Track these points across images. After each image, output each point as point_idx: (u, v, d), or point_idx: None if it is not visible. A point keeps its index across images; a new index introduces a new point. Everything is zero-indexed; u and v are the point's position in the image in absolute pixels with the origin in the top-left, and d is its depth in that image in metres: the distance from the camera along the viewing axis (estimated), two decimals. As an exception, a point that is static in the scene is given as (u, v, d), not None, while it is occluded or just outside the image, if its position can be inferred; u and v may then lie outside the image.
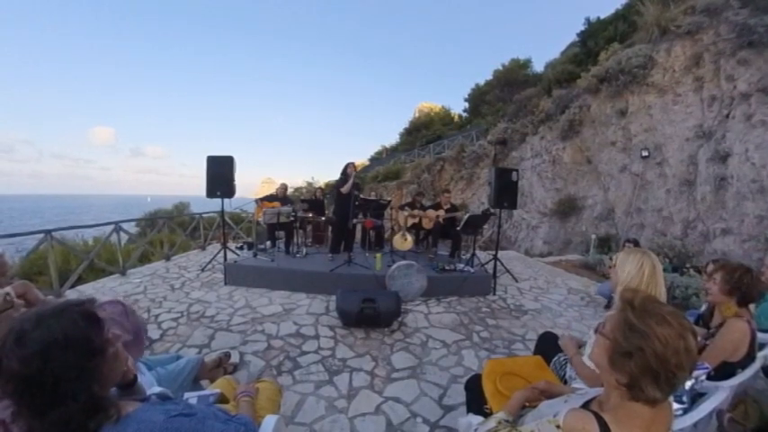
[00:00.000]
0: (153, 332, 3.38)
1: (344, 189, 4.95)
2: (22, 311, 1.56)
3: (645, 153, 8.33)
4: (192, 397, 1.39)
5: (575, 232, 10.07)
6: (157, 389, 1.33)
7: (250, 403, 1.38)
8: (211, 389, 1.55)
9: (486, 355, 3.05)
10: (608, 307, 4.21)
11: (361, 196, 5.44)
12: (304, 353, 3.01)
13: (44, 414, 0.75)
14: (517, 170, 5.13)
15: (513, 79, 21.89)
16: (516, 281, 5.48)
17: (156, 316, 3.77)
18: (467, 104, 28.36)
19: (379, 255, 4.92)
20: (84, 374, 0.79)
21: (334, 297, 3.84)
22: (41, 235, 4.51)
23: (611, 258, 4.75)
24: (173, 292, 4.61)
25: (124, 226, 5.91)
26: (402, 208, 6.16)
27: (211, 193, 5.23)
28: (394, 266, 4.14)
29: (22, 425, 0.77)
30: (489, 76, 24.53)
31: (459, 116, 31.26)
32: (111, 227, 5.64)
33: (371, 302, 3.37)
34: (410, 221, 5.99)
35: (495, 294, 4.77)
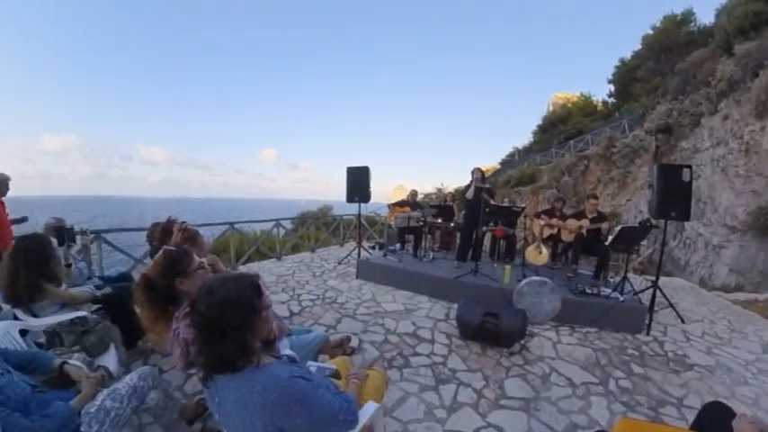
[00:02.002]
0: (294, 307, 4.05)
1: (468, 194, 4.87)
2: (210, 275, 2.09)
3: None
4: (312, 366, 1.60)
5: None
6: (289, 352, 1.58)
7: (358, 385, 1.47)
8: (329, 364, 1.72)
9: (621, 411, 2.42)
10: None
11: (492, 202, 5.13)
12: (417, 354, 3.05)
13: (211, 345, 1.03)
14: (690, 166, 3.75)
15: (670, 43, 16.65)
16: (683, 321, 4.16)
17: (299, 295, 4.46)
18: (611, 87, 23.42)
19: (508, 267, 4.52)
20: (243, 326, 1.04)
21: (455, 305, 3.74)
22: (226, 226, 6.21)
23: None
24: (314, 278, 5.37)
25: (283, 222, 7.39)
26: (538, 216, 5.49)
27: (350, 198, 5.95)
28: (524, 282, 3.77)
29: (195, 347, 1.10)
30: (637, 46, 19.42)
31: (604, 103, 25.97)
32: (273, 223, 7.16)
33: (494, 317, 3.15)
34: (547, 232, 5.33)
35: (648, 334, 3.75)
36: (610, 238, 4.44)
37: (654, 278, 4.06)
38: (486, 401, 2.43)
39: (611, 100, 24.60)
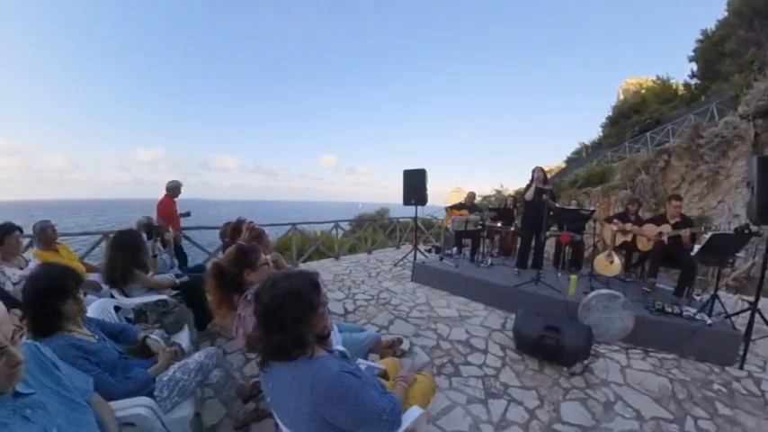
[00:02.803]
0: (349, 305, 4.22)
1: (528, 195, 4.64)
2: (274, 271, 2.29)
3: None
4: (362, 364, 1.67)
5: None
6: (341, 348, 1.68)
7: (405, 388, 1.50)
8: (379, 364, 1.76)
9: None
10: None
11: (557, 205, 4.78)
12: (468, 363, 2.98)
13: (270, 334, 1.14)
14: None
15: (764, 4, 13.47)
16: (789, 355, 3.39)
17: (354, 294, 4.64)
18: (694, 66, 19.93)
19: (574, 277, 4.11)
20: (301, 319, 1.14)
21: (513, 315, 3.62)
22: (289, 226, 6.71)
23: None
24: (369, 278, 5.53)
25: (341, 224, 7.76)
26: (609, 221, 4.85)
27: (407, 200, 6.01)
28: (592, 295, 3.42)
29: (256, 335, 1.21)
30: (722, 14, 16.27)
31: (686, 86, 22.23)
32: (332, 224, 7.53)
33: (555, 332, 2.95)
34: (620, 239, 4.69)
35: (742, 368, 3.10)
36: (696, 247, 3.79)
37: (752, 299, 3.34)
38: (538, 423, 2.28)
39: (695, 81, 21.13)
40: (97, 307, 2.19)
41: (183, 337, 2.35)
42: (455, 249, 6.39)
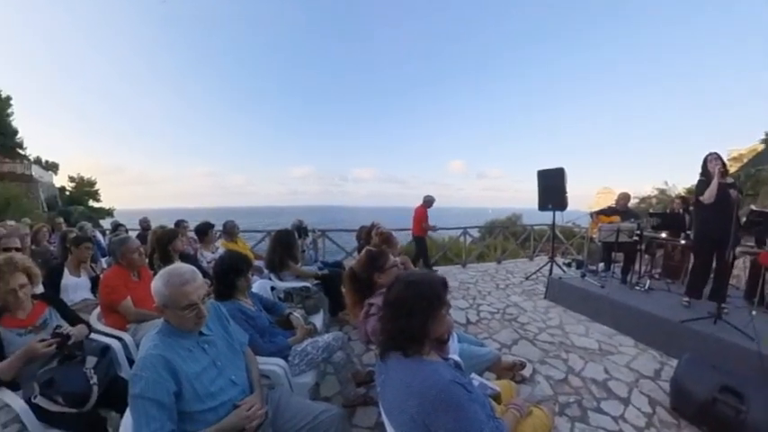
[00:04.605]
0: (471, 316, 4.04)
1: (706, 197, 3.32)
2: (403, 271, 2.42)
3: None
4: (475, 380, 1.57)
5: None
6: (456, 358, 1.62)
7: (516, 418, 1.35)
8: (494, 384, 1.63)
9: None
10: None
11: (753, 208, 3.47)
12: (600, 411, 2.37)
13: (397, 319, 1.19)
14: None
15: None
16: None
17: (479, 305, 4.42)
18: None
19: None
20: (429, 309, 1.18)
21: (674, 361, 2.80)
22: None
23: None
24: (496, 290, 5.20)
25: (469, 231, 7.54)
26: None
27: (543, 205, 5.33)
28: None
29: (380, 324, 1.30)
30: None
31: None
32: (461, 230, 7.41)
33: (736, 397, 2.06)
34: None
35: None
36: None
37: None
38: None
39: None
40: (259, 286, 2.89)
41: (318, 319, 2.77)
42: (602, 265, 5.33)
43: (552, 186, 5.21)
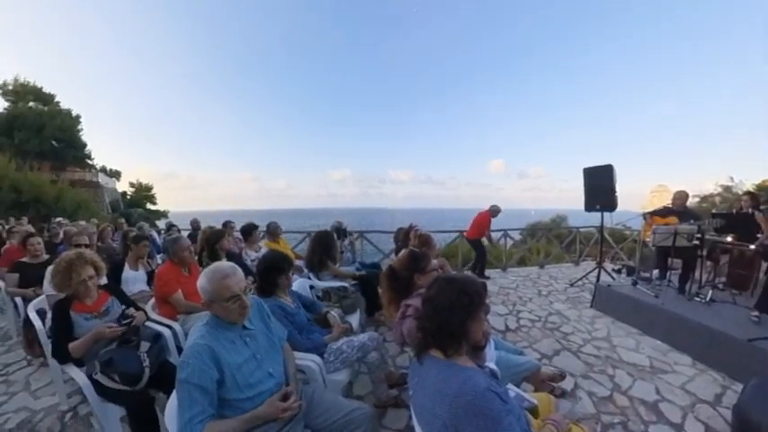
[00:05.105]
0: (511, 323, 3.89)
1: None
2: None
3: None
4: (511, 390, 1.51)
5: None
6: (493, 366, 1.58)
7: None
8: (531, 396, 1.57)
9: None
10: None
11: None
12: None
13: (438, 314, 1.19)
14: None
15: None
16: None
17: (519, 312, 4.25)
18: None
19: None
20: (469, 307, 1.18)
21: (739, 385, 2.49)
22: (456, 233, 7.03)
23: None
24: (538, 296, 4.97)
25: (510, 233, 7.27)
26: None
27: (590, 206, 4.99)
28: None
29: (419, 322, 1.29)
30: None
31: None
32: (501, 233, 7.14)
33: None
34: None
35: None
36: None
37: None
38: None
39: None
40: (298, 284, 2.99)
41: (354, 319, 2.81)
42: (656, 272, 4.80)
43: (600, 185, 4.83)
